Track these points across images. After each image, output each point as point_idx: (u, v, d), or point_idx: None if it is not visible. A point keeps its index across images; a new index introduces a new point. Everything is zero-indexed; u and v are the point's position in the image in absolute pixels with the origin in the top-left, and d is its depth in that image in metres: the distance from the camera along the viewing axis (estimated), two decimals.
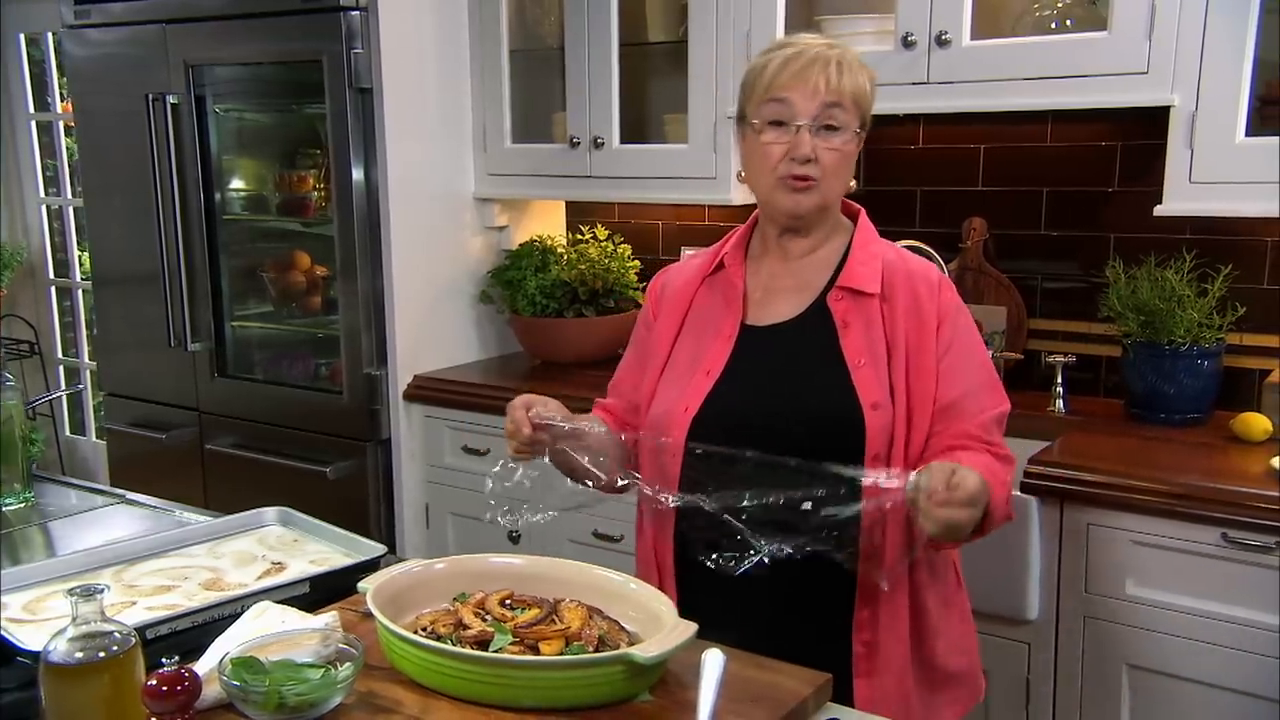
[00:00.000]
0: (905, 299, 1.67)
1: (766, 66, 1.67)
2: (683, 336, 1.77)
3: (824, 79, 1.63)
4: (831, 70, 1.63)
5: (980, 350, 1.73)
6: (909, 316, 1.66)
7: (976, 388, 1.68)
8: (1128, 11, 2.23)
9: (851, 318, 1.67)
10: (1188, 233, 2.49)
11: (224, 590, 1.58)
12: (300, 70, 3.05)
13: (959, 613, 1.78)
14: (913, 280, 1.69)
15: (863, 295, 1.68)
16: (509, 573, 1.49)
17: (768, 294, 1.74)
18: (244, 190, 3.46)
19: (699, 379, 1.70)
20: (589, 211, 3.37)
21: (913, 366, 1.65)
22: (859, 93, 1.66)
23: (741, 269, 1.76)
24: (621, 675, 1.26)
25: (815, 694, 1.31)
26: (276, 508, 1.85)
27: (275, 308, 3.43)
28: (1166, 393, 2.40)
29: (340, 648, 1.30)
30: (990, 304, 2.73)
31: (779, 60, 1.66)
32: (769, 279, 1.75)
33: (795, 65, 1.64)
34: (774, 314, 1.72)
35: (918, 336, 1.66)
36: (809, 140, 1.63)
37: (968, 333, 1.71)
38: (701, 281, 1.79)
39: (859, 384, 1.63)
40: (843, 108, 1.64)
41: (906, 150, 2.82)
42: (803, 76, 1.63)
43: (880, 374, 1.64)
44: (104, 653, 1.16)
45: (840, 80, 1.64)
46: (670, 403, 1.71)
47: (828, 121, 1.64)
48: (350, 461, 3.07)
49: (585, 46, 2.91)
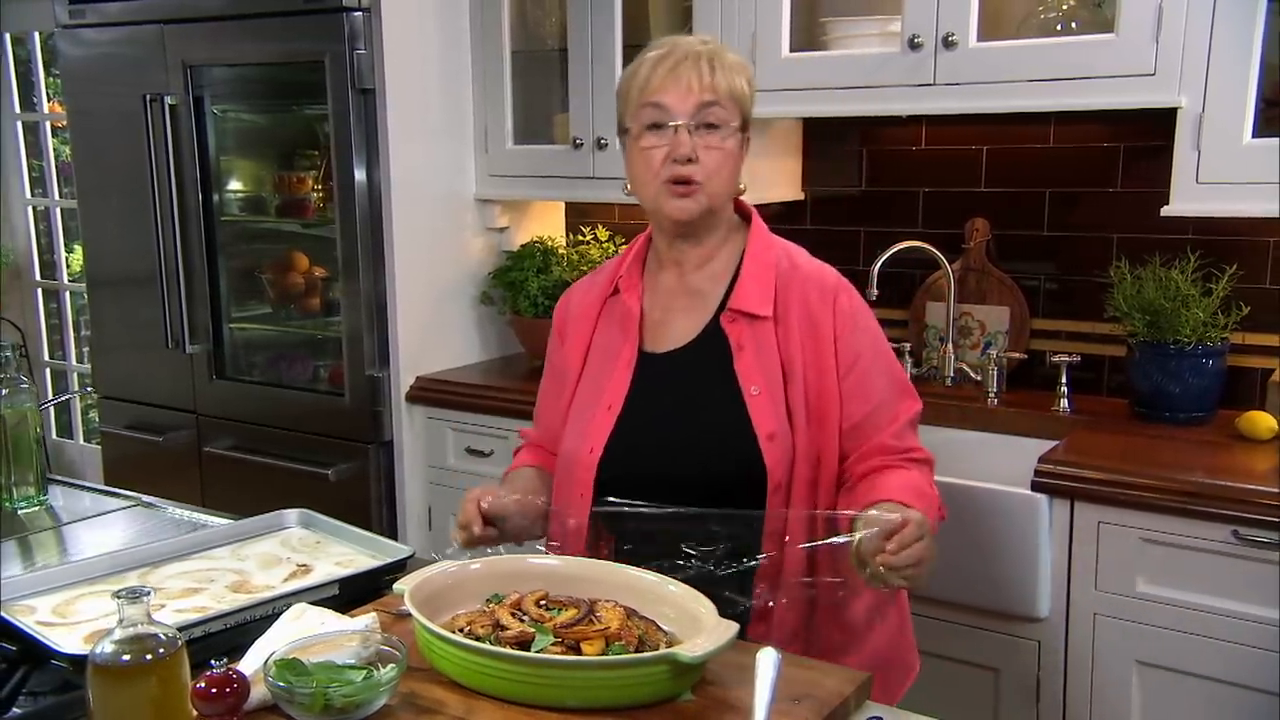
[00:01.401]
0: (799, 315, 1.64)
1: (637, 72, 1.65)
2: (588, 365, 1.76)
3: (696, 77, 1.60)
4: (704, 67, 1.61)
5: (885, 356, 1.69)
6: (805, 334, 1.63)
7: (885, 398, 1.65)
8: (1135, 14, 2.25)
9: (745, 340, 1.64)
10: (1190, 233, 2.52)
11: (251, 593, 1.58)
12: (301, 71, 3.03)
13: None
14: (805, 290, 1.65)
15: (756, 318, 1.64)
16: (542, 573, 1.49)
17: (665, 314, 1.72)
18: (242, 191, 3.44)
19: (601, 415, 1.68)
20: (589, 213, 3.37)
21: (812, 389, 1.62)
22: (736, 91, 1.63)
23: (638, 290, 1.74)
24: (665, 675, 1.26)
25: (856, 693, 1.31)
26: (298, 510, 1.84)
27: (273, 309, 3.41)
28: (1172, 392, 2.42)
29: (381, 649, 1.30)
30: (993, 304, 2.76)
31: (649, 64, 1.64)
32: (666, 297, 1.73)
33: (666, 65, 1.62)
34: (671, 338, 1.71)
35: (815, 356, 1.62)
36: (688, 140, 1.60)
37: (870, 341, 1.67)
38: (602, 306, 1.77)
39: (754, 414, 1.60)
40: (720, 105, 1.62)
41: (909, 151, 2.84)
42: (675, 76, 1.61)
43: (776, 400, 1.61)
44: (151, 655, 1.15)
45: (714, 77, 1.61)
46: (576, 441, 1.70)
47: (706, 120, 1.61)
48: (352, 463, 3.06)
49: (588, 48, 2.91)
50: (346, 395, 3.05)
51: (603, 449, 1.66)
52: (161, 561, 1.68)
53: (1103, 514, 2.15)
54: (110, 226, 3.46)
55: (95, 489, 2.13)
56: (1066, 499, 2.19)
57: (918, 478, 1.61)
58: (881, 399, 1.64)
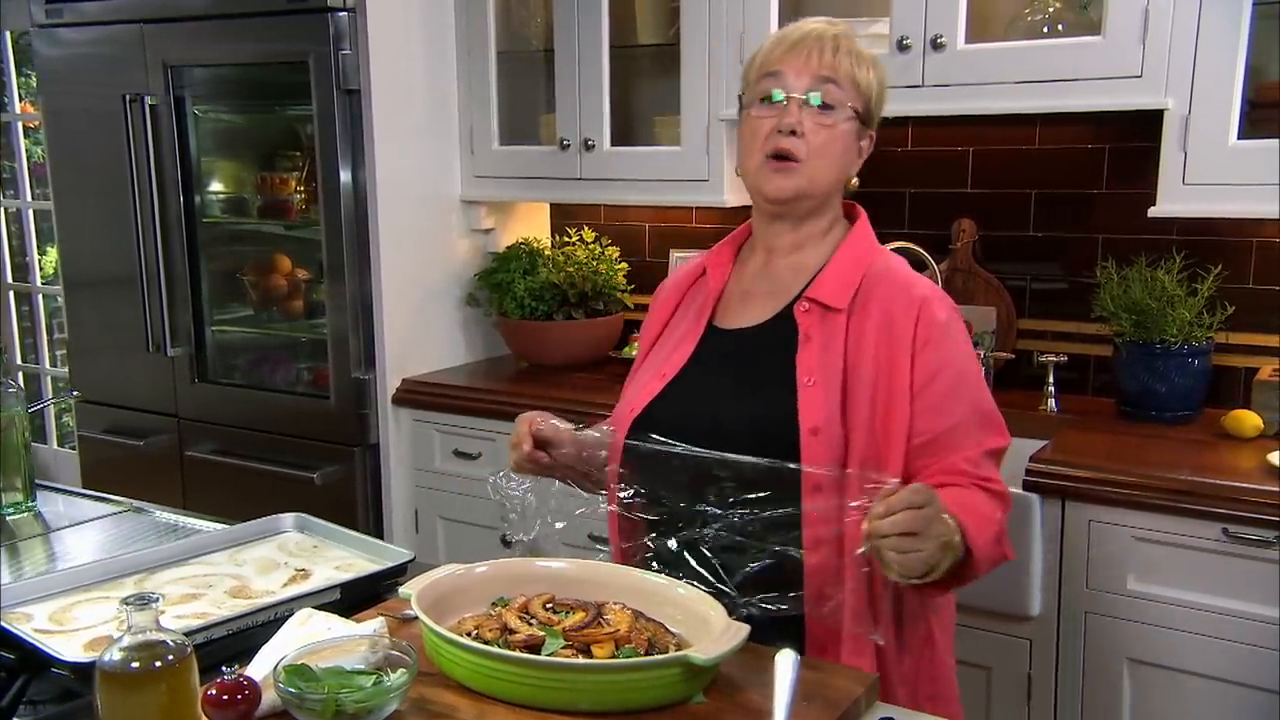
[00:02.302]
0: (878, 316, 1.55)
1: (763, 47, 1.63)
2: (661, 340, 1.75)
3: (818, 52, 1.57)
4: (827, 45, 1.57)
5: (972, 381, 1.58)
6: (880, 337, 1.54)
7: (966, 422, 1.54)
8: (1122, 16, 2.27)
9: (815, 332, 1.57)
10: (1175, 234, 2.54)
11: (251, 598, 1.56)
12: (283, 71, 3.01)
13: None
14: (891, 294, 1.56)
15: (830, 309, 1.57)
16: (547, 576, 1.48)
17: (745, 296, 1.68)
18: (223, 193, 3.41)
19: (653, 383, 1.66)
20: (574, 214, 3.36)
21: (880, 391, 1.52)
22: (858, 78, 1.59)
23: (724, 270, 1.71)
24: (678, 677, 1.25)
25: (866, 693, 1.32)
26: (294, 514, 1.83)
27: (256, 311, 3.38)
28: (1158, 391, 2.44)
29: (389, 653, 1.29)
30: (980, 305, 2.77)
31: (775, 38, 1.62)
32: (750, 281, 1.69)
33: (790, 39, 1.60)
34: (742, 318, 1.66)
35: (888, 362, 1.53)
36: (796, 111, 1.55)
37: (958, 360, 1.56)
38: (689, 287, 1.76)
39: (802, 405, 1.51)
40: (837, 84, 1.57)
41: (895, 153, 2.85)
42: (797, 49, 1.58)
43: (831, 395, 1.52)
44: (160, 661, 1.13)
45: (836, 57, 1.57)
46: (622, 405, 1.68)
47: (821, 97, 1.56)
48: (338, 466, 3.03)
49: (575, 49, 2.90)
50: (332, 398, 3.02)
51: (641, 409, 1.62)
52: (158, 567, 1.66)
53: (1094, 513, 2.17)
54: (88, 228, 3.42)
55: (83, 494, 2.11)
56: (1057, 498, 2.20)
57: (981, 499, 1.49)
58: (960, 422, 1.53)
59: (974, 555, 1.43)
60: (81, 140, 3.35)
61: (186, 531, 1.90)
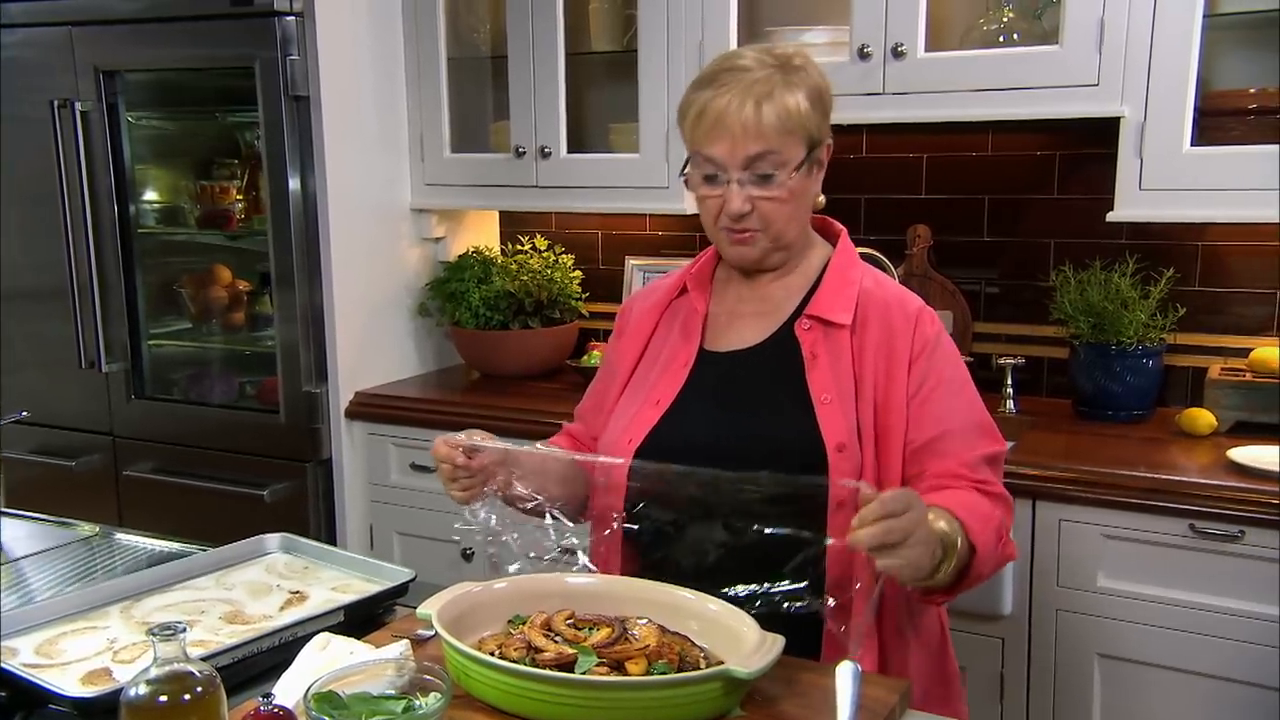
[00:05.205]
0: (878, 332, 1.57)
1: (687, 113, 1.56)
2: (641, 363, 1.71)
3: (740, 125, 1.49)
4: (748, 113, 1.49)
5: (965, 389, 1.60)
6: (880, 353, 1.56)
7: (959, 428, 1.55)
8: (1079, 26, 2.32)
9: (820, 349, 1.57)
10: (1124, 238, 2.61)
11: (247, 623, 1.50)
12: (223, 77, 2.92)
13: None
14: (889, 311, 1.58)
15: (833, 326, 1.57)
16: (565, 592, 1.46)
17: (732, 319, 1.67)
18: (159, 202, 3.29)
19: (646, 411, 1.62)
20: (525, 222, 3.32)
21: (881, 405, 1.54)
22: (791, 119, 1.51)
23: (705, 292, 1.69)
24: (719, 691, 1.24)
25: (900, 700, 1.32)
26: (279, 534, 1.77)
27: (194, 324, 3.27)
28: (1114, 391, 2.50)
29: (418, 677, 1.25)
30: (936, 309, 2.78)
31: (695, 110, 1.54)
32: (735, 303, 1.67)
33: (709, 117, 1.51)
34: (735, 340, 1.64)
35: (887, 373, 1.55)
36: (738, 195, 1.53)
37: (948, 369, 1.58)
38: (666, 307, 1.72)
39: (824, 423, 1.52)
40: (773, 150, 1.51)
41: (849, 159, 2.88)
42: (720, 129, 1.51)
43: (847, 412, 1.53)
44: (189, 694, 1.08)
45: (761, 120, 1.50)
46: (615, 434, 1.63)
47: (758, 170, 1.52)
48: (288, 483, 2.95)
49: (530, 56, 2.87)
50: (281, 412, 2.94)
51: (642, 440, 1.58)
52: (142, 594, 1.59)
53: (1063, 512, 2.21)
54: (15, 239, 3.26)
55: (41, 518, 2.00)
56: (1028, 498, 2.23)
57: (979, 501, 1.49)
58: (954, 427, 1.54)
59: (977, 553, 1.44)
60: (8, 147, 3.20)
61: (159, 556, 1.82)
